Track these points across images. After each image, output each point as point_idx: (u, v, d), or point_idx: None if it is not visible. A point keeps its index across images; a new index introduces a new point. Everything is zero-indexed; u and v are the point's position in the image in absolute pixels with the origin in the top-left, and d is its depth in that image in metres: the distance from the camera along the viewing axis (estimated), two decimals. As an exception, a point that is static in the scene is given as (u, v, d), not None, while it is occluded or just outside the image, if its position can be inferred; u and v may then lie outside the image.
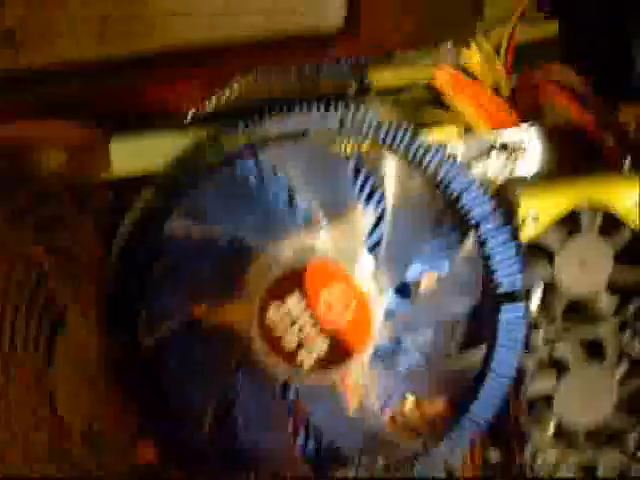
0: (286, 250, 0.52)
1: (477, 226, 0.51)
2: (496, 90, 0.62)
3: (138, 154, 0.68)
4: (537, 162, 0.61)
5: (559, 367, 0.57)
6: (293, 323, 0.51)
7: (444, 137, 0.61)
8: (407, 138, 0.49)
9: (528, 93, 0.62)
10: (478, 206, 0.51)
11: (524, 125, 0.61)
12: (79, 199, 0.53)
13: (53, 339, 0.48)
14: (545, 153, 0.62)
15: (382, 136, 0.49)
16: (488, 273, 0.52)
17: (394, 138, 0.49)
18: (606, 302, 0.56)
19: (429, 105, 0.61)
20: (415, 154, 0.50)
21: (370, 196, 0.54)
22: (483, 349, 0.53)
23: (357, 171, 0.54)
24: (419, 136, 0.50)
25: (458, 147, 0.60)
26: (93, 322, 0.50)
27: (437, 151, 0.50)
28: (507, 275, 0.52)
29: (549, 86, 0.60)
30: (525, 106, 0.62)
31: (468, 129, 0.62)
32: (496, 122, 0.62)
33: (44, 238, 0.48)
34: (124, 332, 0.52)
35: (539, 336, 0.56)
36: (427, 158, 0.50)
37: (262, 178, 0.53)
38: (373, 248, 0.54)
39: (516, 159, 0.61)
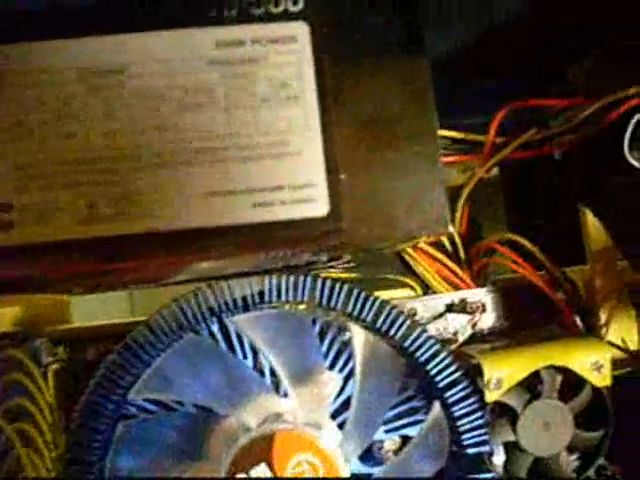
0: (252, 416, 0.52)
1: (443, 392, 0.51)
2: (453, 254, 0.64)
3: (100, 306, 0.68)
4: (494, 321, 0.63)
5: (526, 530, 0.57)
6: (260, 493, 0.49)
7: (404, 296, 0.63)
8: (374, 309, 0.50)
9: (482, 257, 0.65)
10: (444, 374, 0.51)
11: (480, 286, 0.63)
12: (37, 360, 0.52)
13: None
14: (501, 312, 0.63)
15: (350, 308, 0.50)
16: (455, 438, 0.52)
17: (361, 310, 0.50)
18: (568, 463, 0.56)
19: (391, 266, 0.63)
20: (382, 325, 0.50)
21: (335, 361, 0.55)
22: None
23: (322, 335, 0.55)
24: (386, 307, 0.50)
25: (417, 307, 0.62)
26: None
27: (403, 321, 0.51)
28: (473, 441, 0.52)
29: (502, 248, 0.62)
30: (480, 268, 0.65)
31: (427, 289, 0.64)
32: (454, 283, 0.64)
33: (8, 405, 0.47)
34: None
35: (504, 498, 0.56)
36: (393, 329, 0.50)
37: (228, 343, 0.54)
38: (337, 414, 0.54)
39: (474, 319, 0.62)
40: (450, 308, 0.63)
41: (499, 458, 0.57)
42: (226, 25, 0.38)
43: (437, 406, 0.52)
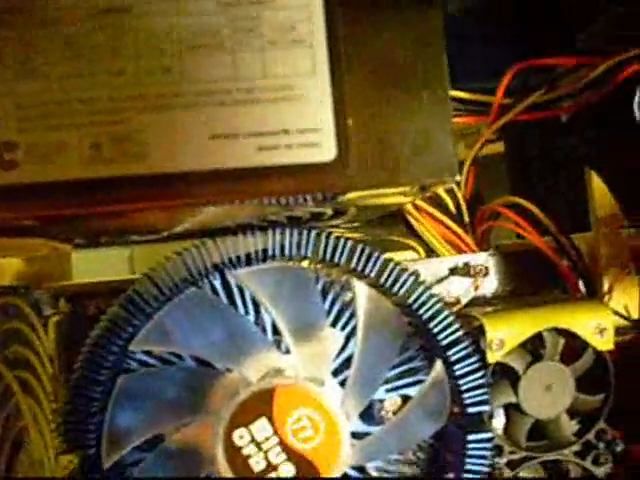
0: (253, 371, 0.52)
1: (445, 351, 0.51)
2: (457, 217, 0.64)
3: (100, 265, 0.68)
4: (497, 285, 0.63)
5: (523, 492, 0.57)
6: (259, 448, 0.50)
7: (408, 259, 0.63)
8: (378, 265, 0.50)
9: (486, 220, 0.64)
10: (446, 332, 0.51)
11: (483, 250, 0.63)
12: (38, 311, 0.52)
13: (13, 461, 0.46)
14: (504, 276, 0.63)
15: (354, 264, 0.49)
16: (455, 397, 0.52)
17: (365, 266, 0.50)
18: (569, 426, 0.56)
19: (396, 228, 0.62)
20: (385, 281, 0.50)
21: (337, 319, 0.54)
22: (450, 477, 0.52)
23: (325, 293, 0.54)
24: (390, 263, 0.50)
25: (420, 269, 0.62)
26: (50, 440, 0.48)
27: (406, 278, 0.50)
28: (473, 400, 0.52)
29: (508, 212, 0.62)
30: (484, 232, 0.64)
31: (431, 252, 0.64)
32: (457, 247, 0.63)
33: (8, 353, 0.46)
34: (83, 450, 0.50)
35: (503, 459, 0.56)
36: (397, 286, 0.50)
37: (229, 298, 0.53)
38: (338, 372, 0.54)
39: (476, 282, 0.62)
40: (453, 271, 0.62)
41: (499, 421, 0.57)
42: (233, -35, 0.38)
43: (439, 364, 0.52)
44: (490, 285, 0.63)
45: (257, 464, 0.50)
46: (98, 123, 0.36)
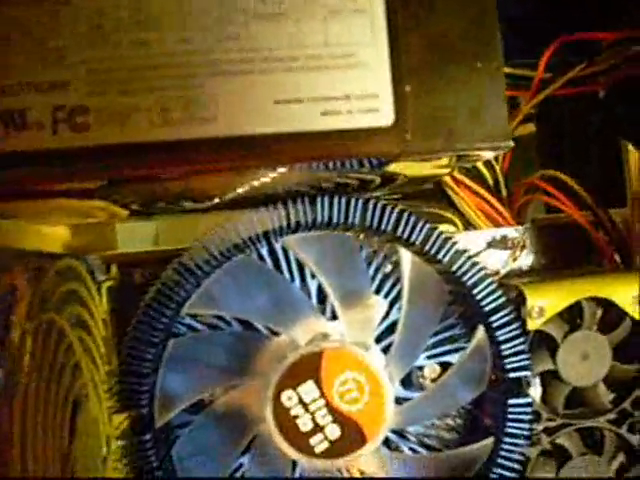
0: (300, 335, 0.53)
1: (488, 317, 0.52)
2: (495, 190, 0.65)
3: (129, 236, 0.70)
4: (533, 258, 0.64)
5: (560, 457, 0.58)
6: (307, 409, 0.51)
7: (446, 230, 0.64)
8: (423, 234, 0.51)
9: (524, 193, 0.65)
10: (489, 298, 0.52)
11: (520, 223, 0.64)
12: (92, 276, 0.54)
13: (74, 419, 0.47)
14: (540, 250, 0.64)
15: (400, 232, 0.51)
16: (496, 363, 0.53)
17: (411, 233, 0.51)
18: (605, 394, 0.58)
19: (435, 201, 0.64)
20: (430, 249, 0.51)
21: (380, 287, 0.56)
22: (490, 440, 0.54)
23: (369, 261, 0.56)
24: (435, 232, 0.51)
25: (459, 240, 0.63)
26: (105, 399, 0.50)
27: (451, 246, 0.52)
28: (515, 365, 0.53)
29: (547, 186, 0.63)
30: (522, 206, 0.65)
31: (469, 225, 0.65)
32: (494, 220, 0.64)
33: (66, 313, 0.48)
34: (136, 410, 0.52)
35: (540, 426, 0.57)
36: (442, 253, 0.51)
37: (276, 265, 0.55)
38: (381, 338, 0.55)
39: (514, 255, 0.63)
40: (491, 244, 0.64)
41: (535, 390, 0.58)
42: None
43: (481, 330, 0.53)
44: (526, 258, 0.64)
45: (304, 425, 0.51)
46: (168, 88, 0.38)
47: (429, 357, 0.57)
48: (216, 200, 0.55)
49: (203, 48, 0.38)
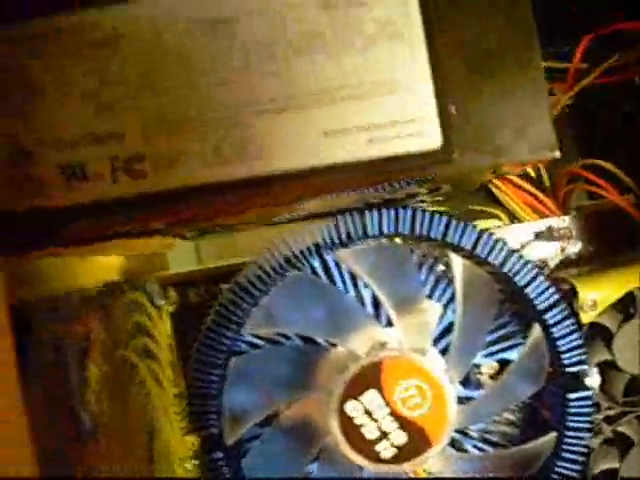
0: (359, 345, 0.54)
1: (543, 315, 0.53)
2: (538, 182, 0.65)
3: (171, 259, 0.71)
4: (581, 247, 0.64)
5: (622, 444, 0.59)
6: (371, 417, 0.52)
7: (492, 225, 0.65)
8: (473, 238, 0.52)
9: (566, 183, 0.66)
10: (543, 296, 0.53)
11: (565, 213, 0.65)
12: (151, 302, 0.55)
13: (151, 446, 0.49)
14: (587, 238, 0.64)
15: (450, 237, 0.52)
16: (554, 359, 0.54)
17: (461, 238, 0.52)
18: (664, 380, 0.58)
19: (479, 197, 0.64)
20: (480, 253, 0.52)
21: (433, 290, 0.57)
22: (553, 435, 0.55)
23: (419, 266, 0.57)
24: (484, 235, 0.52)
25: (505, 236, 0.63)
26: (176, 422, 0.52)
27: (501, 248, 0.52)
28: (572, 360, 0.54)
29: (589, 174, 0.63)
30: (565, 195, 0.66)
31: (514, 219, 0.66)
32: (539, 212, 0.65)
33: (135, 346, 0.50)
34: (207, 430, 0.53)
35: (600, 415, 0.58)
36: (492, 255, 0.52)
37: (329, 276, 0.56)
38: (438, 340, 0.56)
39: (562, 245, 0.63)
40: (538, 236, 0.64)
41: (593, 380, 0.59)
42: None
43: (537, 328, 0.54)
44: (574, 246, 0.64)
45: (370, 433, 0.53)
46: (217, 129, 0.39)
47: (486, 355, 0.58)
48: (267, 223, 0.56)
49: (247, 87, 0.39)
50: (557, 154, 0.40)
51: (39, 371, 0.39)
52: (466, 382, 0.58)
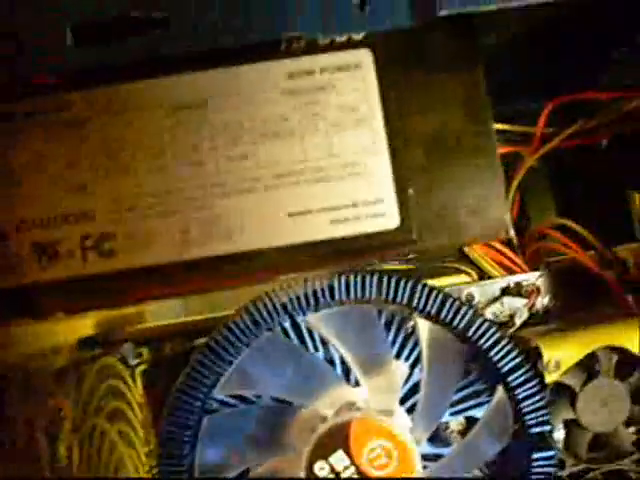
0: (328, 406, 0.55)
1: (506, 377, 0.54)
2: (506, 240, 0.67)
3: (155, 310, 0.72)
4: (548, 302, 0.66)
5: (587, 501, 0.60)
6: (339, 478, 0.53)
7: (461, 282, 0.66)
8: (438, 302, 0.54)
9: (534, 241, 0.68)
10: (506, 359, 0.55)
11: (534, 270, 0.66)
12: (124, 362, 0.56)
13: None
14: (555, 293, 0.66)
15: (415, 302, 0.53)
16: (518, 419, 0.56)
17: (426, 303, 0.53)
18: (628, 437, 0.60)
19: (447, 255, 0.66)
20: (446, 315, 0.54)
21: (401, 350, 0.58)
22: (517, 492, 0.56)
23: (388, 325, 0.58)
24: (449, 299, 0.54)
25: (474, 292, 0.65)
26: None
27: (465, 312, 0.54)
28: (536, 420, 0.55)
29: (554, 233, 0.65)
30: (533, 253, 0.68)
31: (482, 275, 0.67)
32: (508, 268, 0.67)
33: (105, 411, 0.51)
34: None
35: (565, 472, 0.60)
36: (456, 319, 0.54)
37: (299, 338, 0.57)
38: (405, 399, 0.58)
39: (530, 301, 0.65)
40: (506, 291, 0.66)
41: (558, 434, 0.61)
42: (296, 57, 0.41)
43: (500, 390, 0.55)
44: (542, 303, 0.66)
45: (339, 493, 0.54)
46: (185, 210, 0.40)
47: (453, 413, 0.59)
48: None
49: (215, 170, 0.40)
50: (510, 233, 0.42)
51: (10, 440, 0.40)
52: (434, 439, 0.59)
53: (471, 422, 0.60)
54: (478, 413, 0.59)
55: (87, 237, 0.41)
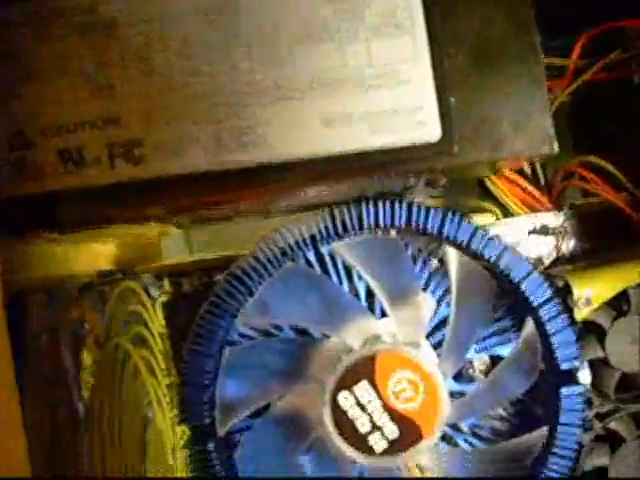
0: (352, 338, 0.54)
1: (537, 311, 0.53)
2: (533, 177, 0.65)
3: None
4: (575, 243, 0.64)
5: (613, 441, 0.59)
6: (364, 410, 0.52)
7: (486, 221, 0.65)
8: (468, 233, 0.52)
9: (561, 180, 0.66)
10: (537, 292, 0.53)
11: (560, 209, 0.65)
12: (147, 293, 0.55)
13: (144, 435, 0.49)
14: (582, 235, 0.65)
15: (445, 232, 0.52)
16: (547, 355, 0.54)
17: (457, 232, 0.52)
18: (656, 377, 0.58)
19: (473, 192, 0.64)
20: (476, 247, 0.52)
21: (427, 283, 0.57)
22: (545, 430, 0.55)
23: (415, 259, 0.57)
24: (480, 230, 0.52)
25: (499, 231, 0.63)
26: (168, 412, 0.52)
27: (497, 243, 0.52)
28: (566, 355, 0.54)
29: (584, 171, 0.63)
30: (560, 192, 0.66)
31: (508, 214, 0.66)
32: (534, 207, 0.65)
33: (129, 334, 0.50)
34: (198, 420, 0.53)
35: (592, 411, 0.58)
36: (487, 250, 0.52)
37: (324, 268, 0.56)
38: (431, 334, 0.56)
39: (556, 241, 0.63)
40: (532, 232, 0.64)
41: (585, 377, 0.59)
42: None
43: (530, 323, 0.54)
44: (569, 244, 0.64)
45: (362, 425, 0.53)
46: (218, 116, 0.38)
47: (479, 350, 0.57)
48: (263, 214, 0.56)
49: (250, 75, 0.39)
50: (555, 149, 0.40)
51: (34, 357, 0.38)
52: (458, 377, 0.58)
53: (495, 361, 0.58)
54: (503, 351, 0.58)
55: (115, 143, 0.39)
